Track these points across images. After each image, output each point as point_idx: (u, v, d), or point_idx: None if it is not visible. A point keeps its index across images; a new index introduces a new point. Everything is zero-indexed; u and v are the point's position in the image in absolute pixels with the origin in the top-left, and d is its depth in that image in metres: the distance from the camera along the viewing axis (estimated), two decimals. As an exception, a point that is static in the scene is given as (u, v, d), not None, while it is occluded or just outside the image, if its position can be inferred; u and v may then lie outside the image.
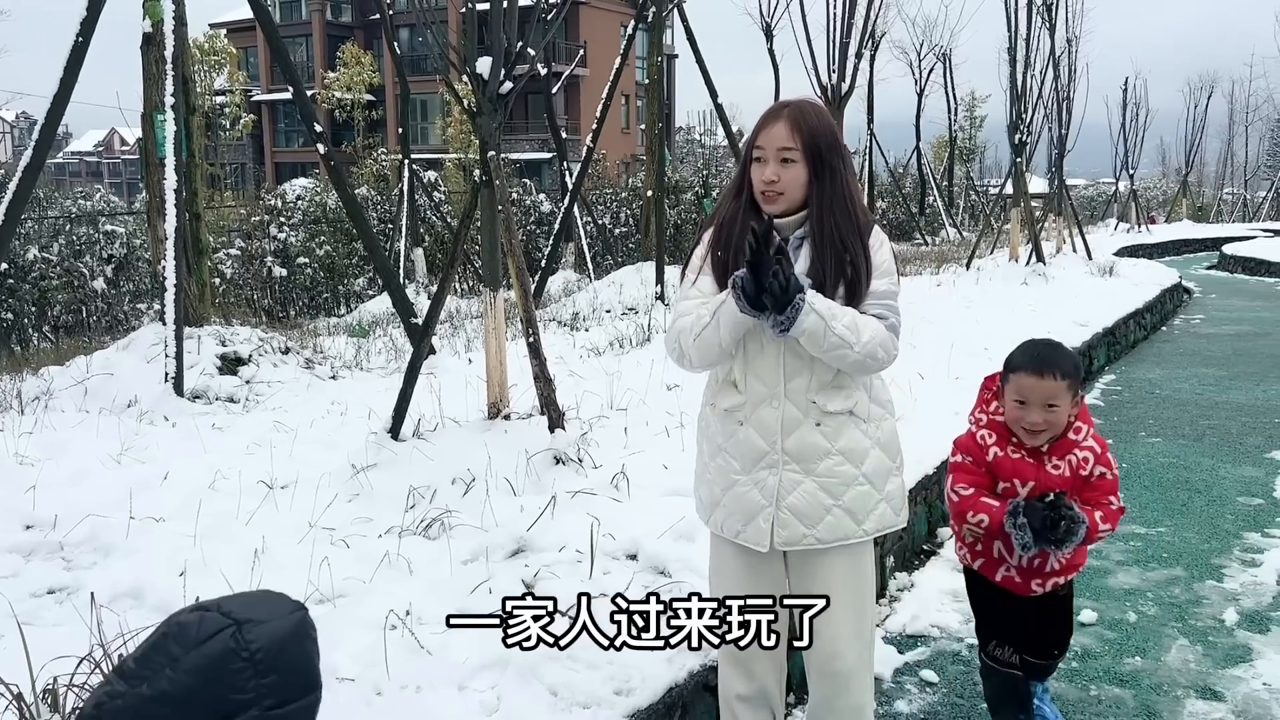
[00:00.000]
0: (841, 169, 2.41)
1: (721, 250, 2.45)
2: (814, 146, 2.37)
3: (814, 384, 2.41)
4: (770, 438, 2.43)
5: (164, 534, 3.80)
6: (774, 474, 2.43)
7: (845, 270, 2.37)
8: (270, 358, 7.12)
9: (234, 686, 1.24)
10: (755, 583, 2.52)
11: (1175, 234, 30.08)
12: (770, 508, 2.44)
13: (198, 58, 31.48)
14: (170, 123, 6.59)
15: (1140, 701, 3.41)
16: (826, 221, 2.38)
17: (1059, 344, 2.81)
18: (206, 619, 1.27)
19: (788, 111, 2.40)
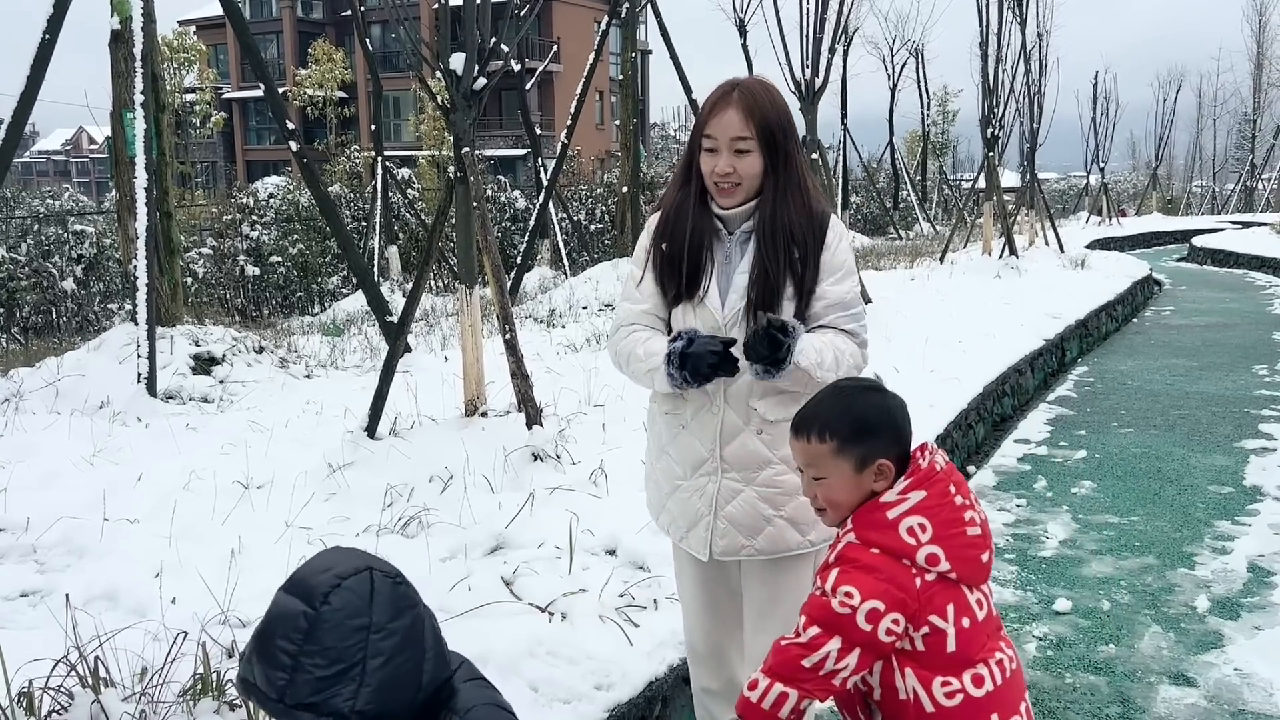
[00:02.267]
0: (795, 154, 2.27)
1: (667, 244, 2.31)
2: (769, 133, 2.20)
3: (756, 390, 2.25)
4: (709, 444, 2.30)
5: (138, 535, 3.76)
6: (713, 481, 2.31)
7: (795, 267, 2.23)
8: (244, 357, 7.07)
9: (412, 601, 1.48)
10: (710, 588, 2.45)
11: (1146, 227, 30.41)
12: (709, 516, 2.32)
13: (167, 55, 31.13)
14: (140, 121, 6.52)
15: (1114, 688, 3.45)
16: (780, 215, 2.23)
17: (857, 392, 1.95)
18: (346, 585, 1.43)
19: (738, 95, 2.21)
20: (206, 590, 3.11)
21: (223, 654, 2.77)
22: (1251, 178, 44.49)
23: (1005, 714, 1.80)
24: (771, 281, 2.23)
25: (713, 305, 2.28)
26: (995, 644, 1.84)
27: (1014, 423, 7.24)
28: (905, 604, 1.74)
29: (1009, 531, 4.98)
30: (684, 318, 2.32)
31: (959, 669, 1.78)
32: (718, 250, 2.31)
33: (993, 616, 1.86)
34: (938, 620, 1.77)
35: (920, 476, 1.84)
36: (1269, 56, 44.77)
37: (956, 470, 1.92)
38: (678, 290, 2.32)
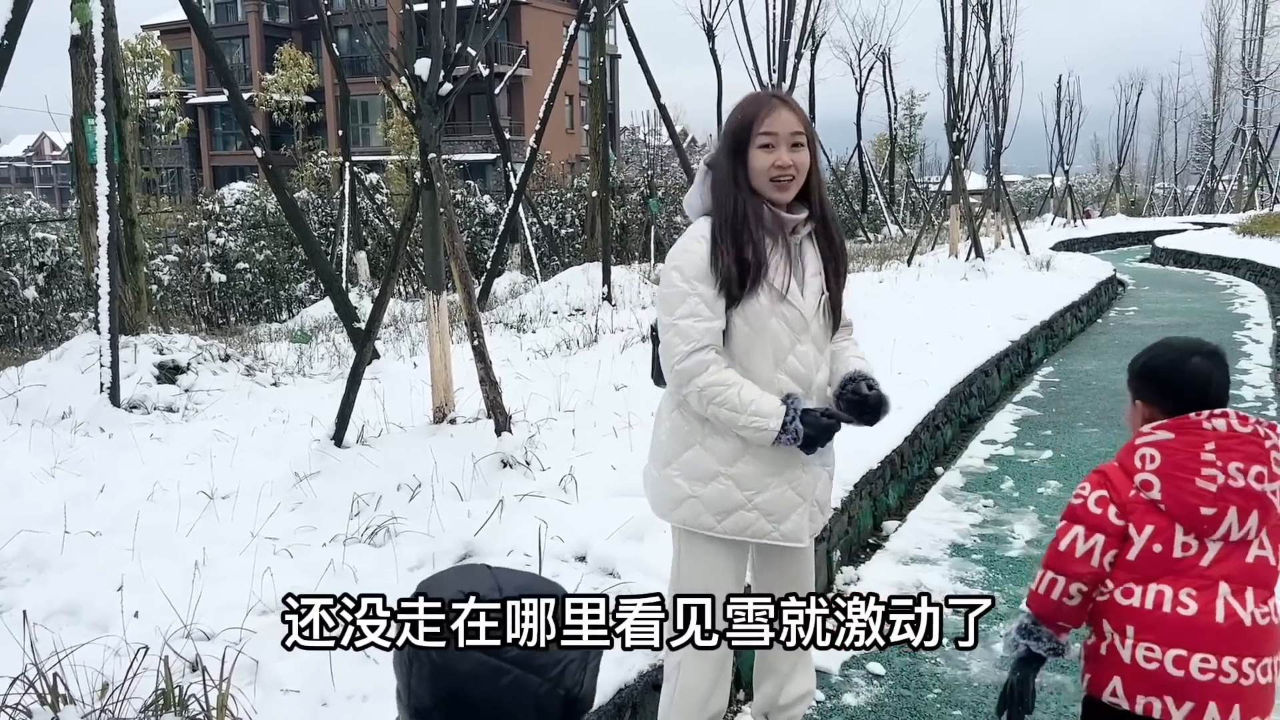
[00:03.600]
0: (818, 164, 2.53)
1: (743, 249, 2.34)
2: (812, 133, 2.44)
3: (827, 375, 2.54)
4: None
5: (100, 548, 3.71)
6: (807, 471, 2.49)
7: (846, 264, 2.56)
8: (210, 365, 6.99)
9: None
10: (738, 571, 2.59)
11: (1110, 228, 30.81)
12: (805, 504, 2.51)
13: (130, 60, 30.78)
14: (101, 127, 6.44)
15: (1079, 687, 3.48)
16: (828, 210, 2.49)
17: (1169, 347, 2.20)
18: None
19: (785, 101, 2.44)
20: (169, 603, 3.07)
21: (185, 668, 2.74)
22: (1212, 179, 45.20)
23: (1195, 644, 2.02)
24: (837, 277, 2.51)
25: (799, 303, 2.42)
26: (1206, 591, 2.04)
27: (981, 423, 7.31)
28: (1118, 502, 2.11)
29: (976, 532, 5.02)
30: (768, 320, 2.38)
31: (1141, 579, 2.08)
32: (790, 252, 2.45)
33: (1230, 567, 2.04)
34: (1133, 531, 2.10)
35: (1175, 423, 2.11)
36: (1228, 60, 45.52)
37: (1255, 434, 2.06)
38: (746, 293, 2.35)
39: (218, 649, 2.78)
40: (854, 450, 5.13)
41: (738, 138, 2.38)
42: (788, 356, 2.41)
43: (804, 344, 2.43)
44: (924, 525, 5.10)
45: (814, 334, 2.46)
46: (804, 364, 2.43)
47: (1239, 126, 39.52)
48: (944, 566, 4.58)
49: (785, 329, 2.40)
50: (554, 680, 1.24)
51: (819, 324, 2.47)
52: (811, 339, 2.45)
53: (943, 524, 5.13)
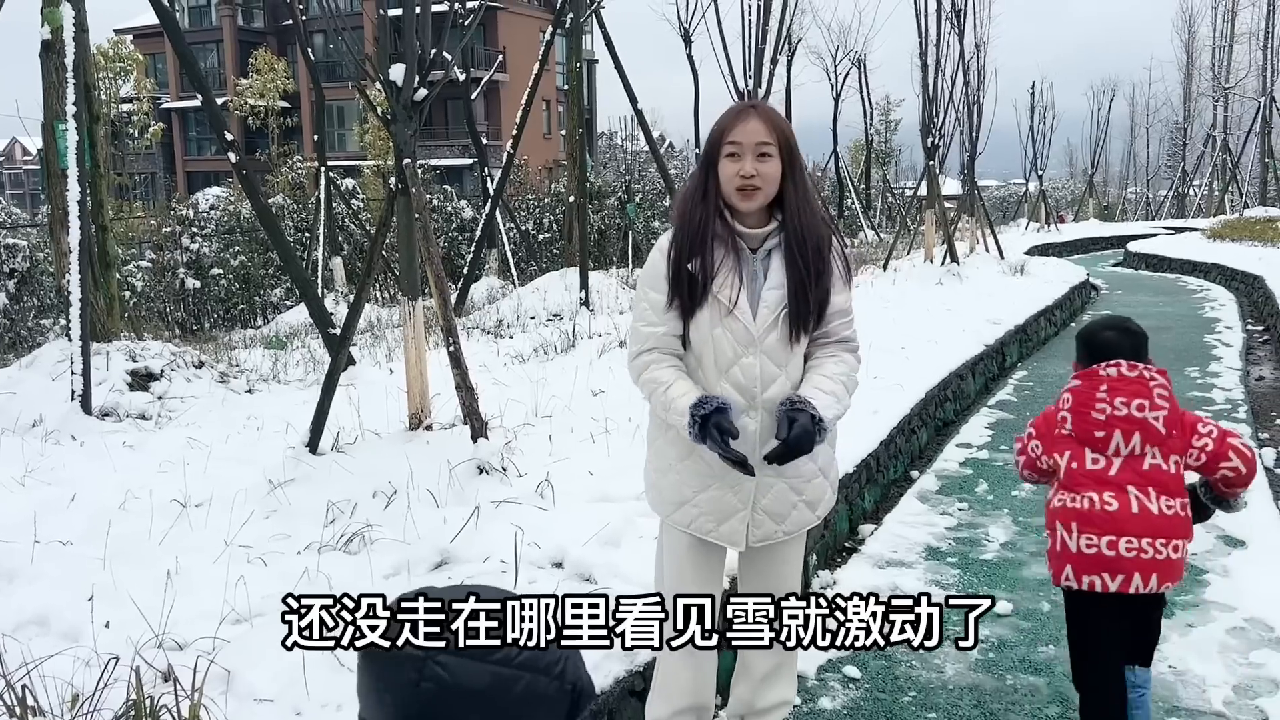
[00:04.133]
0: (805, 174, 2.49)
1: (693, 261, 2.42)
2: (786, 144, 2.41)
3: (787, 391, 2.46)
4: (748, 447, 2.45)
5: (71, 558, 3.67)
6: (751, 480, 2.48)
7: (822, 279, 2.44)
8: (183, 372, 6.94)
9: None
10: (706, 573, 2.64)
11: (1083, 233, 31.09)
12: (746, 510, 2.54)
13: (102, 65, 30.51)
14: (72, 132, 6.38)
15: (1053, 689, 3.51)
16: (803, 224, 2.42)
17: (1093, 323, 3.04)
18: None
19: (757, 110, 2.44)
20: (140, 614, 3.04)
21: (157, 678, 2.71)
22: (1183, 184, 45.73)
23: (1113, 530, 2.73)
24: (805, 292, 2.42)
25: (745, 318, 2.44)
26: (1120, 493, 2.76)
27: (956, 427, 7.35)
28: (1043, 433, 2.93)
29: (951, 535, 5.05)
30: (711, 330, 2.45)
31: (1076, 490, 2.81)
32: (743, 266, 2.45)
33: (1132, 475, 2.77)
34: (1058, 457, 2.87)
35: (1084, 373, 2.89)
36: (1198, 67, 46.09)
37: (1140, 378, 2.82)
38: (696, 304, 2.44)
39: (190, 659, 2.76)
40: (830, 454, 5.16)
41: (711, 149, 2.47)
42: (731, 368, 2.46)
43: (750, 357, 2.44)
44: (899, 529, 5.13)
45: (768, 348, 2.44)
46: (747, 376, 2.44)
47: (1209, 132, 40.01)
48: (919, 570, 4.60)
49: (730, 341, 2.44)
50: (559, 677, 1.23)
51: (776, 338, 2.45)
52: (764, 353, 2.44)
53: (918, 527, 5.15)
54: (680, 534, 2.62)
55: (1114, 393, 2.79)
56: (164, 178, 46.39)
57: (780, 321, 2.44)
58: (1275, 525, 5.02)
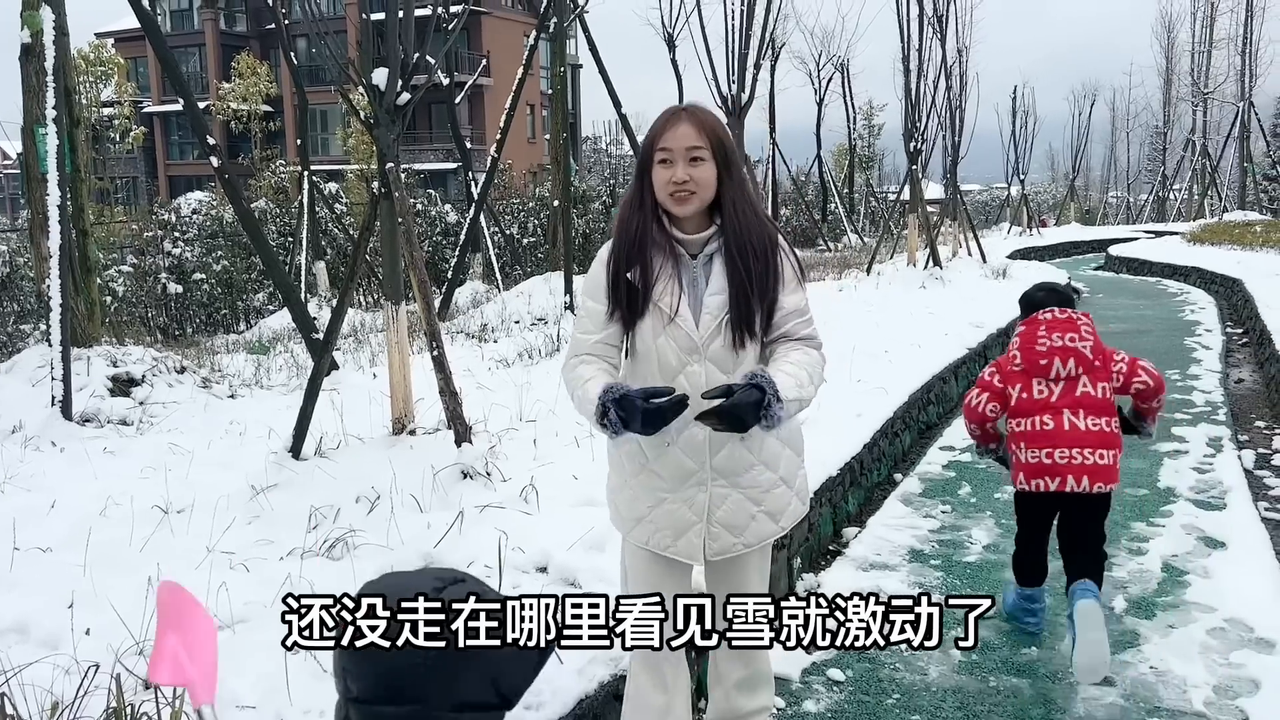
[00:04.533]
0: (743, 174, 2.43)
1: (632, 270, 2.39)
2: (720, 146, 2.34)
3: None
4: (699, 457, 2.42)
5: (51, 565, 3.64)
6: (703, 490, 2.45)
7: (765, 281, 2.36)
8: (165, 378, 6.90)
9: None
10: (672, 585, 2.53)
11: (1064, 236, 31.30)
12: (701, 523, 2.47)
13: (83, 68, 30.33)
14: (52, 136, 6.34)
15: (1036, 690, 3.53)
16: (742, 226, 2.36)
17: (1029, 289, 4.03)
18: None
19: (687, 113, 2.36)
20: (120, 620, 3.02)
21: (138, 685, 2.69)
22: (1163, 188, 46.11)
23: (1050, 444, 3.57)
24: (747, 296, 2.35)
25: (687, 326, 2.38)
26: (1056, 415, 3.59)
27: (939, 430, 7.38)
28: (1000, 373, 3.76)
29: (934, 538, 5.07)
30: (651, 343, 2.41)
31: (1025, 415, 3.65)
32: (683, 273, 2.40)
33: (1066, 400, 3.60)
34: (1011, 389, 3.70)
35: (1026, 321, 3.79)
36: (1177, 72, 46.50)
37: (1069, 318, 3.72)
38: (638, 314, 2.39)
39: (171, 666, 2.74)
40: (815, 458, 5.15)
41: (644, 157, 2.40)
42: (677, 376, 2.39)
43: (695, 365, 2.38)
44: (883, 531, 5.15)
45: (713, 355, 2.38)
46: (693, 384, 2.35)
47: (1189, 137, 40.39)
48: (903, 572, 4.61)
49: (674, 349, 2.38)
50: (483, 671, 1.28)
51: (720, 345, 2.38)
52: (709, 360, 2.38)
53: (902, 530, 5.17)
54: (640, 550, 2.57)
55: (1050, 330, 3.68)
56: (146, 182, 46.13)
57: (724, 327, 2.37)
58: (1255, 527, 5.06)
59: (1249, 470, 6.17)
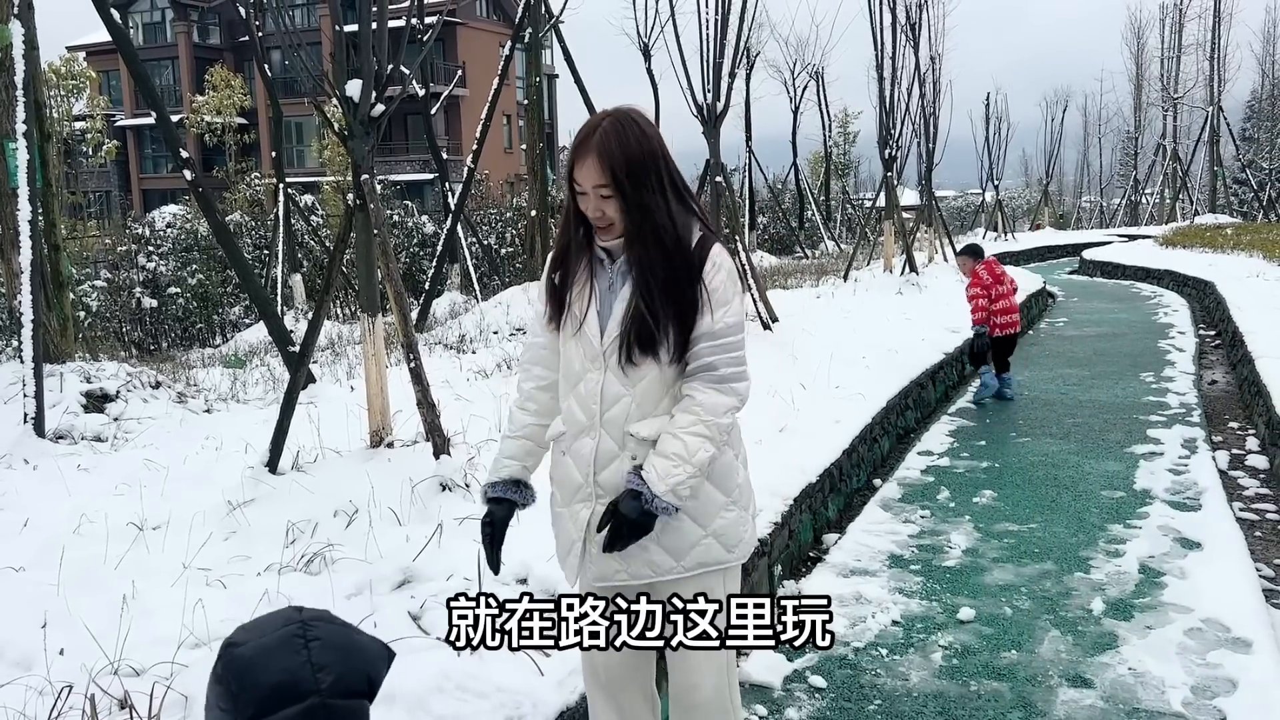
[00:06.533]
0: (655, 192, 2.22)
1: (559, 284, 2.36)
2: (619, 179, 2.18)
3: (633, 413, 2.27)
4: (585, 470, 2.31)
5: (23, 584, 3.59)
6: (588, 507, 2.32)
7: (670, 302, 2.22)
8: (140, 393, 6.84)
9: (219, 706, 1.41)
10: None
11: (1039, 241, 31.58)
12: (580, 542, 2.34)
13: (54, 82, 30.06)
14: (22, 150, 6.28)
15: (1016, 693, 3.55)
16: (640, 253, 2.24)
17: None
18: (223, 644, 1.44)
19: (596, 142, 2.19)
20: (93, 640, 2.98)
21: (113, 705, 2.66)
22: (1136, 193, 46.60)
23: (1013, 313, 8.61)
24: (648, 317, 2.22)
25: (592, 334, 2.30)
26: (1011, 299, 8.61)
27: (917, 435, 7.42)
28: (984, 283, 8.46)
29: (914, 543, 5.09)
30: (565, 349, 2.37)
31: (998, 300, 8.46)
32: (600, 278, 2.33)
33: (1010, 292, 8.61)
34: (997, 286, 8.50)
35: (984, 263, 8.61)
36: (1147, 77, 47.01)
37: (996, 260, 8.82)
38: (558, 316, 2.37)
39: (147, 685, 2.71)
40: (794, 465, 5.18)
41: (568, 181, 2.31)
42: (578, 383, 2.33)
43: (595, 372, 2.29)
44: (863, 537, 5.16)
45: (615, 366, 2.27)
46: (589, 392, 2.29)
47: (1160, 141, 40.80)
48: (883, 578, 4.63)
49: (579, 356, 2.32)
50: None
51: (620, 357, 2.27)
52: (610, 370, 2.27)
53: (881, 536, 5.19)
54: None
55: (996, 265, 8.59)
56: (119, 196, 45.74)
57: (623, 340, 2.26)
58: (1230, 527, 5.11)
59: (1223, 471, 6.24)
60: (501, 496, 2.41)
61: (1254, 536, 5.17)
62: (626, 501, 2.20)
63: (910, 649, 3.91)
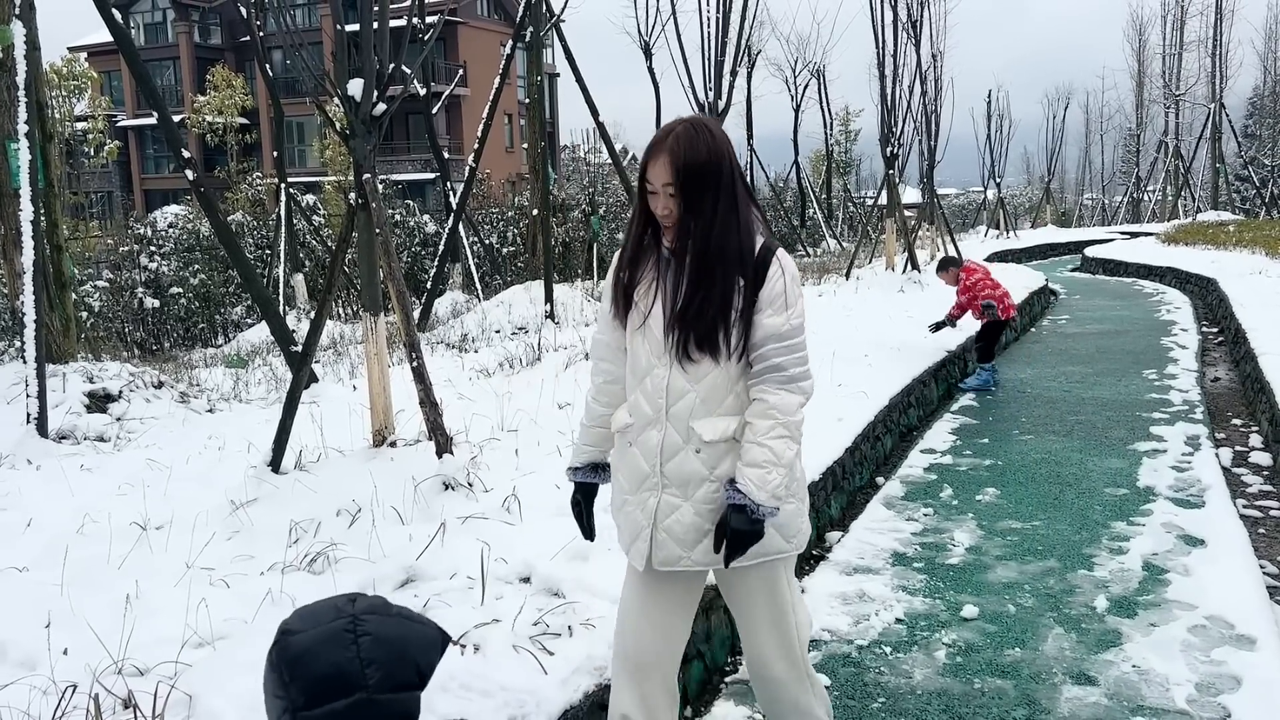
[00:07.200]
0: (721, 193, 2.34)
1: (627, 282, 2.49)
2: (685, 179, 2.31)
3: (698, 409, 2.39)
4: (651, 460, 2.44)
5: (27, 584, 3.60)
6: (654, 496, 2.45)
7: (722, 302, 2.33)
8: (142, 393, 6.85)
9: (274, 693, 1.44)
10: (654, 600, 2.53)
11: (1041, 239, 31.51)
12: (648, 528, 2.46)
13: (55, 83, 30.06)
14: (24, 151, 6.29)
15: (1020, 691, 3.54)
16: (710, 246, 2.34)
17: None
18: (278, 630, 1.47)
19: (669, 143, 2.34)
20: (97, 639, 2.98)
21: (117, 705, 2.66)
22: (1138, 190, 46.53)
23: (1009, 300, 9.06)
24: (702, 308, 2.34)
25: (657, 330, 2.42)
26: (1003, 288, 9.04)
27: (920, 433, 7.41)
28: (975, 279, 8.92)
29: (917, 541, 5.09)
30: (633, 344, 2.50)
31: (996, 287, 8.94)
32: (666, 277, 2.43)
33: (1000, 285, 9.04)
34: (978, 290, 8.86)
35: (964, 268, 9.03)
36: (1149, 74, 46.93)
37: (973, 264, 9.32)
38: (624, 312, 2.51)
39: (151, 684, 2.71)
40: (796, 463, 5.17)
41: (640, 181, 2.44)
42: (645, 378, 2.45)
43: (661, 368, 2.40)
44: (866, 535, 5.16)
45: (677, 361, 2.39)
46: (655, 386, 2.41)
47: (1162, 138, 40.73)
48: (886, 576, 4.63)
49: (645, 350, 2.44)
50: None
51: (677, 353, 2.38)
52: (675, 365, 2.39)
53: (884, 533, 5.18)
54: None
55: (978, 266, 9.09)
56: (121, 196, 45.75)
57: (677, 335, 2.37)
58: (1233, 524, 5.10)
59: (1226, 468, 6.23)
60: (584, 480, 2.68)
61: (1257, 533, 5.16)
62: (735, 516, 2.34)
63: (914, 646, 3.91)
